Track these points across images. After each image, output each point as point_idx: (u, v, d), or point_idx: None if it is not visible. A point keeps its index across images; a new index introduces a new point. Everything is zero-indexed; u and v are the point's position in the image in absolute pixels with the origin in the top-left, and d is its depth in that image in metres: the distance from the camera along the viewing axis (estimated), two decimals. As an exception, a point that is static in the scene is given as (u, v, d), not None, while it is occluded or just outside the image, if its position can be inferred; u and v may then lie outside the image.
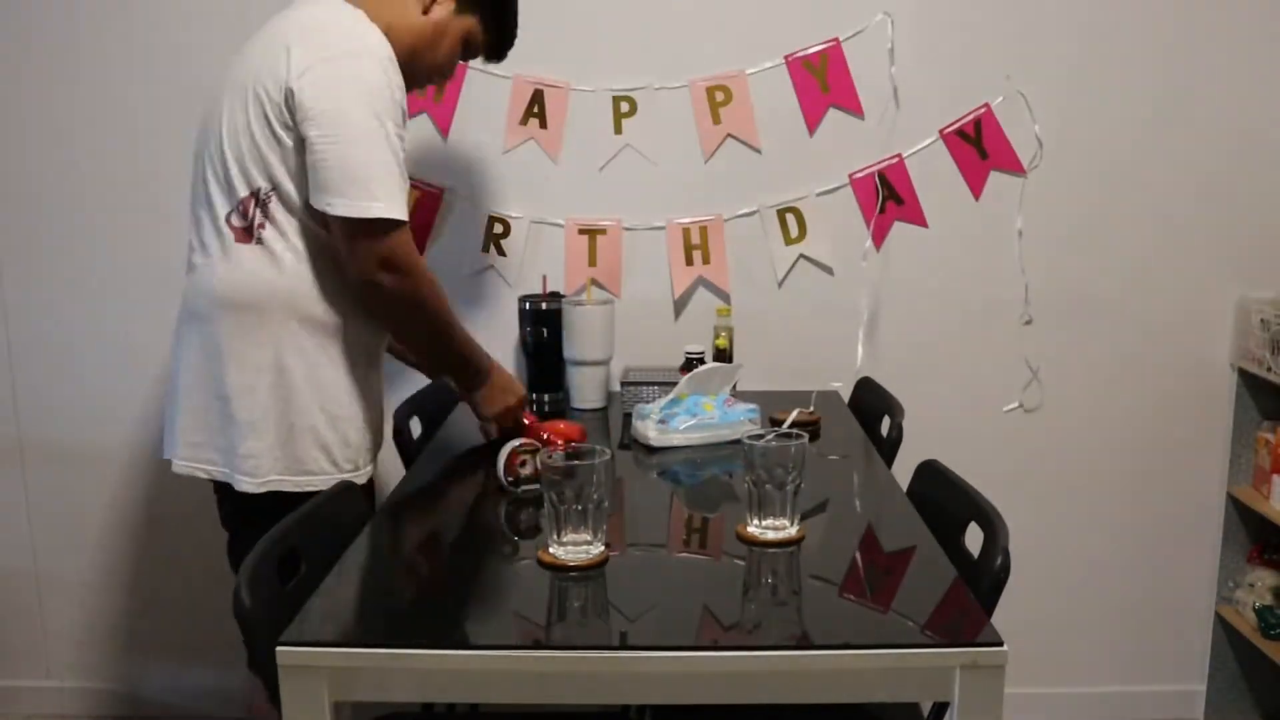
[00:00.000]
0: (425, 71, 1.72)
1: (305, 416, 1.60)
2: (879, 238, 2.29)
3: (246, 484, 1.59)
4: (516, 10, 1.81)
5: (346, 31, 1.55)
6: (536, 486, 1.60)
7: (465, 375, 1.76)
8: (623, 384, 2.14)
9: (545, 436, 1.69)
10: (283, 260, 1.56)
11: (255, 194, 1.55)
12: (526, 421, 1.81)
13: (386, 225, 1.51)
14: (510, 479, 1.60)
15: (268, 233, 1.56)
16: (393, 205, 1.50)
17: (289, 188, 1.55)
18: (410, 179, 2.24)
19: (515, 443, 1.61)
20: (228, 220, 1.57)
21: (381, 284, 1.53)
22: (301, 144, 1.52)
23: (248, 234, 1.56)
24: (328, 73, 1.50)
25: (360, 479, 1.66)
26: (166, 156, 2.27)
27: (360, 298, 1.60)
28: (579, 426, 1.78)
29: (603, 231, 2.28)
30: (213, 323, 1.58)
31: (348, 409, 1.64)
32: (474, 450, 1.85)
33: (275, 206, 1.55)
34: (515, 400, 1.80)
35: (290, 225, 1.56)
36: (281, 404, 1.58)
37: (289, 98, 1.50)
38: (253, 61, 1.56)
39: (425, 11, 1.67)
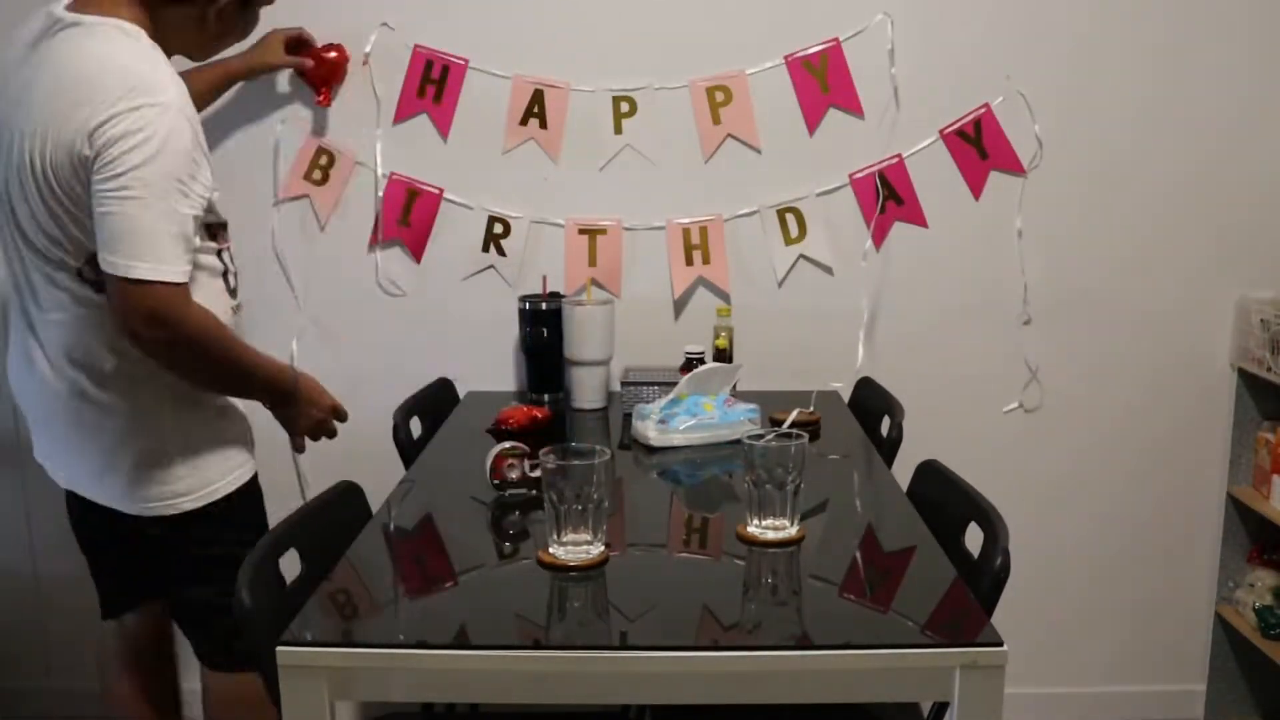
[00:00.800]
0: (226, 43, 1.70)
1: (206, 429, 1.64)
2: (879, 238, 2.29)
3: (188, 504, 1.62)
4: None
5: (139, 80, 1.44)
6: (523, 491, 1.59)
7: (272, 398, 1.71)
8: (623, 384, 2.14)
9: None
10: None
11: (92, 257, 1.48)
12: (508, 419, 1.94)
13: (151, 284, 1.43)
14: (496, 482, 1.60)
15: None
16: (162, 267, 1.44)
17: None
18: (410, 179, 2.25)
19: (502, 446, 1.60)
20: (79, 277, 1.51)
21: (144, 338, 1.47)
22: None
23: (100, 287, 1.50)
24: (122, 128, 1.41)
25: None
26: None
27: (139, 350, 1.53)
28: (544, 410, 1.97)
29: (603, 231, 2.28)
30: (104, 370, 1.56)
31: (226, 424, 1.70)
32: (474, 450, 1.85)
33: None
34: (322, 413, 1.78)
35: None
36: (188, 425, 1.62)
37: (83, 159, 1.42)
38: (32, 118, 1.46)
39: (203, 20, 1.59)
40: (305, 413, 1.75)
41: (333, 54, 2.19)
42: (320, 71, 2.19)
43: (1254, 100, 2.26)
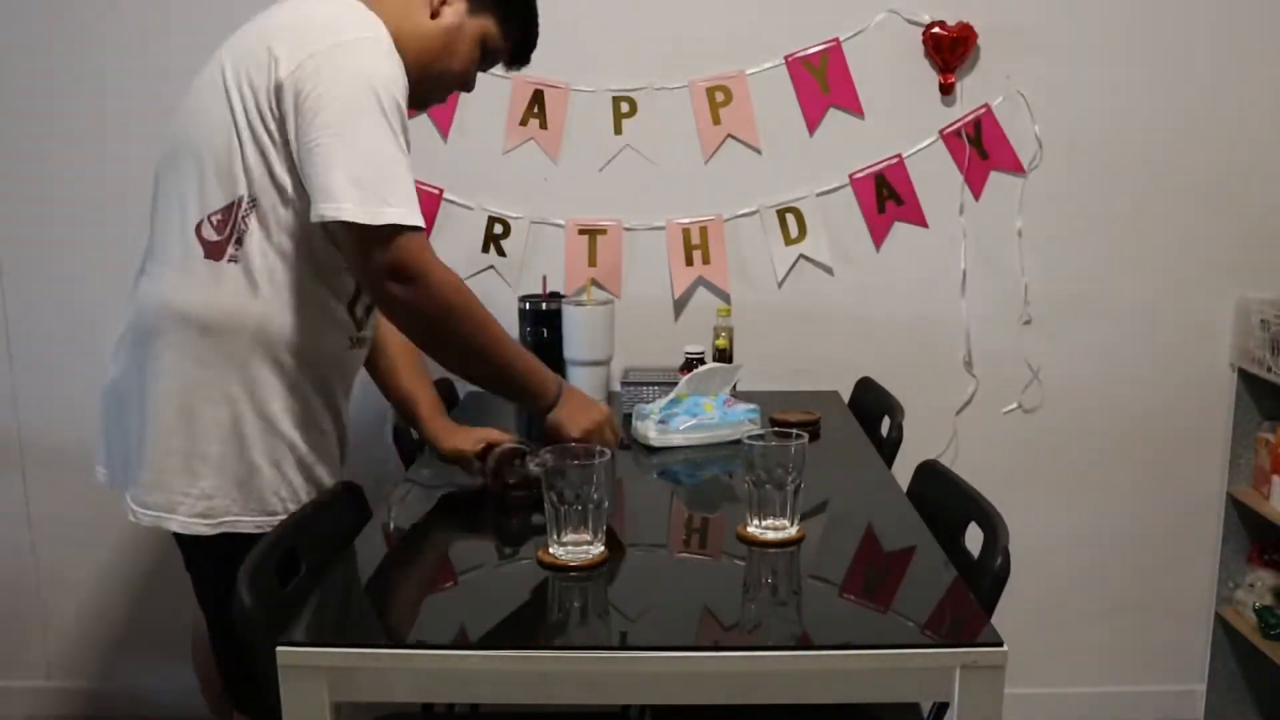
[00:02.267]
0: (439, 83, 1.56)
1: (271, 455, 1.49)
2: (879, 238, 2.29)
3: (199, 526, 1.47)
4: (536, 9, 1.62)
5: (345, 21, 1.40)
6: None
7: (524, 397, 1.56)
8: (623, 384, 2.14)
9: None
10: (257, 283, 1.44)
11: (234, 204, 1.41)
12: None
13: (397, 232, 1.35)
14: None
15: (242, 251, 1.42)
16: (406, 210, 1.36)
17: (270, 200, 1.41)
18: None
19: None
20: (197, 231, 1.42)
21: (393, 296, 1.39)
22: (288, 150, 1.39)
23: (219, 250, 1.42)
24: (325, 64, 1.35)
25: None
26: (166, 156, 2.27)
27: (381, 311, 1.50)
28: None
29: (603, 231, 2.28)
30: (173, 343, 1.45)
31: (316, 446, 1.54)
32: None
33: (253, 223, 1.42)
34: (601, 415, 1.59)
35: (267, 245, 1.43)
36: (244, 439, 1.47)
37: (278, 93, 1.36)
38: (236, 58, 1.41)
39: (434, 16, 1.50)
40: (579, 418, 1.55)
41: None
42: None
43: (1254, 99, 2.26)
